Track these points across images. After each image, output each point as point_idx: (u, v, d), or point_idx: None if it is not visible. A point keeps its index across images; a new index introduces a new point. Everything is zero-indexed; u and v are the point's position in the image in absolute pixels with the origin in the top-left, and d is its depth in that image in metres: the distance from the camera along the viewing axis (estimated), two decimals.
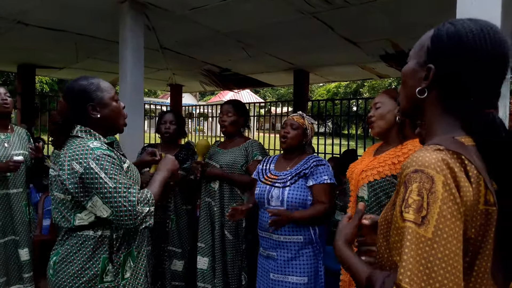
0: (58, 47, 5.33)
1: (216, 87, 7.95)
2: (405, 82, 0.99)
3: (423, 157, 0.81)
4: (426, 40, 0.93)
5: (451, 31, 0.88)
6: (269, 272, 2.27)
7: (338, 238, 1.05)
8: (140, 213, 1.45)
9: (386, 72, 6.11)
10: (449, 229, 0.75)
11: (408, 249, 0.75)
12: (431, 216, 0.76)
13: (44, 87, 19.15)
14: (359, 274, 0.92)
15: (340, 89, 26.37)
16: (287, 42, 4.81)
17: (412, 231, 0.76)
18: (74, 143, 1.52)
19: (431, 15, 3.44)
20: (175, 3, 3.63)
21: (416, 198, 0.78)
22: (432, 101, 0.92)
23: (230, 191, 2.75)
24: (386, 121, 1.94)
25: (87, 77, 1.62)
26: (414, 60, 0.96)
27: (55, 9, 3.86)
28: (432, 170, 0.79)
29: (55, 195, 1.54)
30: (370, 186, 1.88)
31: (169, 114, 3.06)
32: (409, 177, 0.81)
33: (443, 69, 0.88)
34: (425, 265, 0.73)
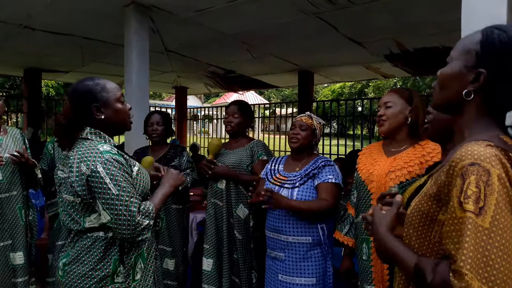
0: (64, 51, 5.37)
1: (220, 89, 7.97)
2: (445, 83, 1.01)
3: (478, 150, 0.85)
4: (474, 45, 0.95)
5: (504, 38, 0.91)
6: (277, 273, 2.27)
7: (379, 226, 1.05)
8: (139, 224, 1.44)
9: (391, 72, 6.09)
10: (504, 220, 0.80)
11: (469, 237, 0.79)
12: (488, 207, 0.80)
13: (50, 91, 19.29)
14: (405, 261, 0.93)
15: (345, 89, 26.31)
16: (291, 43, 4.81)
17: (472, 221, 0.80)
18: (83, 145, 1.51)
19: (435, 13, 3.43)
20: (180, 5, 3.64)
21: (475, 189, 0.82)
22: (476, 103, 0.95)
23: (236, 191, 2.75)
24: (397, 120, 1.94)
25: (93, 78, 1.60)
26: (459, 62, 0.98)
27: (60, 14, 3.90)
28: (488, 164, 0.83)
29: (64, 197, 1.53)
30: (401, 186, 1.86)
31: (155, 115, 3.07)
32: (466, 169, 0.84)
33: (494, 75, 0.91)
34: (483, 253, 0.77)
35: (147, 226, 1.47)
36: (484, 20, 1.72)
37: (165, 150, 3.05)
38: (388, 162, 1.95)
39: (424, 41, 4.39)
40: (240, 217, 2.73)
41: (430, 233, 0.94)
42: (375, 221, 1.08)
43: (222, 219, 2.78)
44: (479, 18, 1.76)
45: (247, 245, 2.73)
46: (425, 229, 0.96)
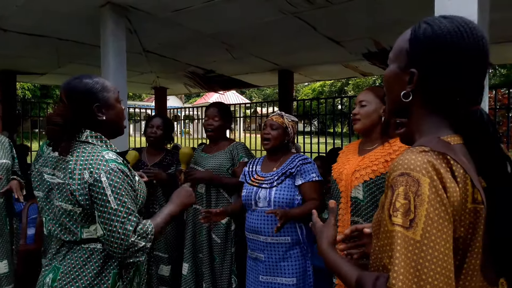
0: (38, 53, 5.25)
1: (200, 89, 7.92)
2: (388, 86, 0.99)
3: (408, 160, 0.82)
4: (404, 43, 0.92)
5: (429, 32, 0.87)
6: (258, 274, 2.27)
7: (321, 242, 1.04)
8: (133, 245, 1.32)
9: (370, 70, 6.17)
10: (437, 231, 0.76)
11: (399, 253, 0.76)
12: (419, 219, 0.76)
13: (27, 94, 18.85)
14: (348, 276, 0.91)
15: (325, 88, 26.54)
16: (270, 42, 4.82)
17: (402, 235, 0.77)
18: (85, 150, 1.39)
19: (411, 12, 3.47)
20: (157, 5, 3.60)
21: (403, 201, 0.79)
22: (418, 103, 0.92)
23: (217, 194, 2.73)
24: (371, 119, 1.95)
25: (90, 76, 1.49)
26: (395, 64, 0.95)
27: (34, 15, 3.80)
28: (417, 173, 0.79)
29: (58, 205, 1.40)
30: (365, 185, 1.87)
31: (157, 119, 3.04)
32: (395, 180, 0.82)
33: (425, 71, 0.88)
34: (415, 268, 0.74)
35: (142, 248, 1.34)
36: None
37: (161, 156, 3.00)
38: (357, 161, 1.97)
39: None
40: (221, 222, 2.70)
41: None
42: (318, 235, 1.06)
43: (201, 223, 2.74)
44: None
45: (227, 249, 2.71)
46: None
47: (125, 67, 3.62)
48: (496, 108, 5.26)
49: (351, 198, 1.93)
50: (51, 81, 8.07)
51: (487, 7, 1.91)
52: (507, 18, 3.64)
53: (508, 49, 4.79)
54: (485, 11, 1.90)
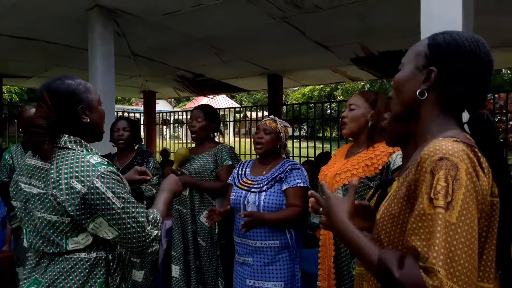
0: (25, 56, 5.19)
1: (190, 93, 7.91)
2: (401, 87, 1.05)
3: (446, 146, 0.86)
4: (422, 48, 1.01)
5: (448, 39, 0.98)
6: (245, 278, 2.25)
7: (337, 211, 1.00)
8: (149, 235, 1.34)
9: (358, 75, 6.21)
10: (471, 215, 0.80)
11: (439, 233, 0.78)
12: (456, 202, 0.80)
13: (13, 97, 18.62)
14: (368, 253, 0.89)
15: (315, 92, 26.68)
16: (259, 47, 4.83)
17: (442, 217, 0.80)
18: (67, 157, 1.33)
19: (397, 18, 3.53)
20: (146, 9, 3.59)
21: (444, 184, 0.82)
22: (431, 102, 0.99)
23: (201, 197, 2.72)
24: (358, 123, 1.96)
25: (72, 77, 1.44)
26: (410, 65, 1.03)
27: (21, 18, 3.76)
28: (456, 158, 0.84)
29: (40, 216, 1.31)
30: (345, 189, 1.88)
31: (121, 121, 3.00)
32: (435, 164, 0.85)
33: (444, 72, 0.96)
34: (449, 249, 0.77)
35: (155, 237, 1.37)
36: (441, 25, 1.80)
37: (131, 156, 2.98)
38: (341, 164, 1.99)
39: (388, 45, 4.51)
40: (204, 224, 2.69)
41: (403, 237, 0.90)
42: (332, 205, 1.02)
43: (187, 226, 2.74)
44: (437, 23, 1.82)
45: (212, 252, 2.70)
46: (397, 233, 0.94)
47: (113, 71, 3.59)
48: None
49: None
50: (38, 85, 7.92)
51: (471, 13, 1.95)
52: (491, 25, 3.70)
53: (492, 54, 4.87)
54: (470, 17, 1.93)
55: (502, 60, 5.35)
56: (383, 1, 3.28)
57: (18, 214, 1.44)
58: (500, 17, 3.56)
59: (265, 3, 3.38)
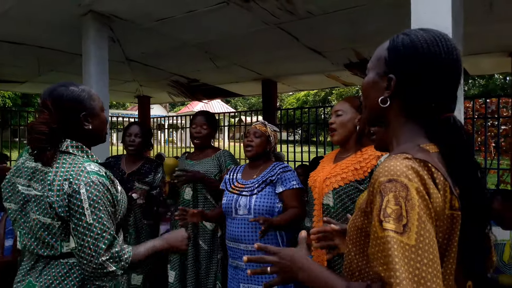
0: (19, 61, 5.18)
1: (184, 98, 7.91)
2: (366, 93, 1.01)
3: (394, 166, 0.84)
4: (383, 52, 0.96)
5: (406, 41, 0.92)
6: (239, 282, 2.26)
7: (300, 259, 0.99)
8: (103, 266, 1.27)
9: (351, 80, 6.25)
10: (429, 234, 0.77)
11: (398, 258, 0.75)
12: (412, 223, 0.77)
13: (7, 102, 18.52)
14: (336, 285, 0.89)
15: (309, 97, 26.79)
16: (253, 52, 4.86)
17: (396, 241, 0.77)
18: (66, 161, 1.35)
19: (389, 24, 3.57)
20: (140, 15, 3.60)
21: (395, 207, 0.79)
22: (395, 110, 0.95)
23: (204, 201, 2.73)
24: (346, 129, 2.00)
25: (76, 83, 1.46)
26: (373, 71, 0.99)
27: (14, 23, 3.76)
28: (404, 179, 0.81)
29: (35, 218, 1.32)
30: (335, 193, 1.91)
31: (134, 127, 3.01)
32: (384, 186, 0.82)
33: (403, 78, 0.92)
34: (414, 272, 0.74)
35: (111, 272, 1.28)
36: None
37: (139, 164, 2.98)
38: (330, 168, 2.01)
39: None
40: (207, 228, 2.71)
41: (367, 248, 0.90)
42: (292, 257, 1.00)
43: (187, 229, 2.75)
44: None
45: (212, 256, 2.71)
46: (361, 243, 0.94)
47: (107, 76, 3.60)
48: (474, 118, 5.39)
49: (323, 205, 1.98)
50: (32, 90, 7.95)
51: (461, 20, 1.98)
52: (481, 31, 3.76)
53: (483, 60, 4.94)
54: (460, 23, 1.96)
55: (495, 66, 5.41)
56: (375, 7, 3.32)
57: (11, 216, 1.44)
58: (490, 23, 3.61)
59: (258, 10, 3.41)
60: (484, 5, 3.20)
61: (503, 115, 5.81)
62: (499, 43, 4.29)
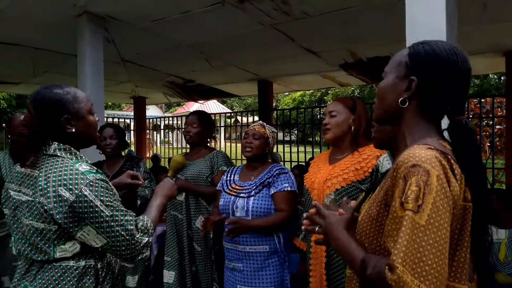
0: (13, 62, 5.16)
1: (180, 98, 7.90)
2: (383, 96, 1.09)
3: (419, 153, 0.91)
4: (403, 58, 1.05)
5: (428, 49, 1.02)
6: (236, 284, 2.26)
7: (337, 223, 1.10)
8: (139, 242, 1.34)
9: (347, 80, 6.27)
10: (440, 219, 0.84)
11: (403, 233, 0.84)
12: (426, 205, 0.85)
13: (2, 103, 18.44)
14: (355, 256, 0.98)
15: (306, 97, 26.81)
16: (249, 53, 4.86)
17: (409, 218, 0.85)
18: (56, 165, 1.32)
19: (384, 25, 3.58)
20: (135, 15, 3.60)
21: (415, 189, 0.87)
22: (412, 110, 1.04)
23: (196, 203, 2.73)
24: (341, 129, 2.00)
25: (62, 86, 1.42)
26: (392, 75, 1.07)
27: (9, 23, 3.74)
28: (428, 165, 0.89)
29: (27, 224, 1.31)
30: (338, 193, 1.91)
31: (108, 129, 2.98)
32: (408, 171, 0.90)
33: (423, 82, 1.00)
34: (417, 249, 0.82)
35: (146, 243, 1.37)
36: (426, 33, 1.84)
37: (121, 163, 2.98)
38: (328, 170, 2.01)
39: (376, 51, 4.56)
40: (199, 229, 2.69)
41: (380, 238, 0.98)
42: (331, 222, 1.12)
43: (182, 231, 2.75)
44: (422, 31, 1.86)
45: (207, 257, 2.71)
46: (375, 234, 1.00)
47: (102, 77, 3.59)
48: (468, 118, 5.42)
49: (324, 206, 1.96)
50: (27, 91, 7.91)
51: (455, 20, 1.99)
52: (475, 31, 3.78)
53: (477, 61, 4.96)
54: (454, 24, 1.97)
55: (489, 66, 5.44)
56: (370, 8, 3.33)
57: (7, 221, 1.43)
58: (484, 24, 3.64)
59: (254, 10, 3.41)
60: (478, 6, 3.22)
61: (498, 115, 5.85)
62: (493, 43, 4.32)
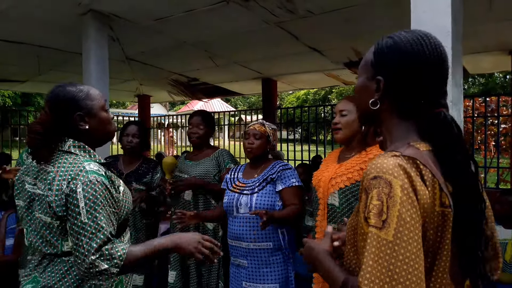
0: (19, 60, 5.19)
1: (184, 97, 7.91)
2: (358, 97, 1.04)
3: (380, 163, 0.86)
4: (370, 56, 0.99)
5: (390, 43, 0.95)
6: (241, 280, 2.27)
7: (319, 248, 1.07)
8: (92, 265, 1.24)
9: (351, 79, 6.26)
10: (408, 232, 0.78)
11: (368, 252, 0.78)
12: (391, 219, 0.79)
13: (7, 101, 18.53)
14: (336, 279, 0.94)
15: (310, 96, 26.78)
16: (253, 51, 4.86)
17: (373, 235, 0.79)
18: (67, 161, 1.35)
19: (388, 23, 3.57)
20: (140, 14, 3.61)
21: (376, 203, 0.81)
22: (387, 111, 0.98)
23: (204, 202, 2.73)
24: (351, 129, 1.99)
25: (75, 84, 1.46)
26: (363, 76, 1.01)
27: (14, 22, 3.76)
28: (389, 176, 0.83)
29: (38, 217, 1.35)
30: (341, 192, 1.90)
31: (132, 126, 2.98)
32: (369, 184, 0.85)
33: (390, 79, 0.94)
34: (387, 267, 0.76)
35: (104, 271, 1.26)
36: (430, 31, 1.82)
37: (137, 164, 2.97)
38: (335, 168, 2.01)
39: None
40: (207, 227, 2.71)
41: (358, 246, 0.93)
42: (312, 248, 1.08)
43: (188, 230, 2.74)
44: (426, 28, 1.84)
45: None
46: (356, 244, 0.96)
47: (108, 75, 3.60)
48: (474, 117, 5.39)
49: (328, 205, 1.97)
50: (32, 89, 7.96)
51: (460, 18, 1.98)
52: (481, 30, 3.76)
53: (483, 59, 4.94)
54: (459, 22, 1.96)
55: (494, 64, 5.41)
56: (375, 6, 3.32)
57: (19, 213, 1.46)
58: (490, 22, 3.62)
59: (258, 8, 3.41)
60: (484, 4, 3.20)
61: (503, 114, 5.82)
62: (499, 42, 4.29)
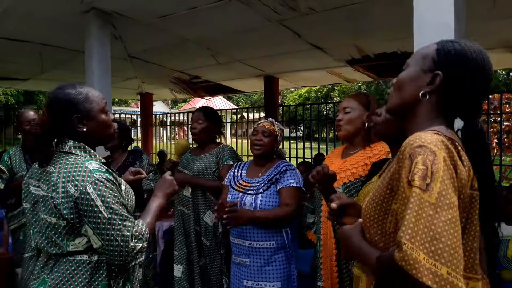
0: (21, 58, 5.19)
1: (186, 94, 7.91)
2: (402, 86, 1.08)
3: (425, 136, 0.91)
4: (430, 52, 1.04)
5: (458, 47, 1.02)
6: (242, 279, 2.27)
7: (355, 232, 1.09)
8: (132, 249, 1.32)
9: (353, 76, 6.24)
10: (450, 197, 0.83)
11: (411, 210, 0.83)
12: (435, 183, 0.84)
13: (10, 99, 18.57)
14: (369, 255, 0.98)
15: (312, 93, 26.74)
16: (255, 49, 4.85)
17: (417, 195, 0.83)
18: (68, 162, 1.36)
19: (391, 21, 3.56)
20: (142, 11, 3.61)
21: (421, 167, 0.86)
22: (429, 105, 1.02)
23: (204, 197, 2.74)
24: (354, 126, 1.99)
25: (75, 85, 1.45)
26: (416, 67, 1.05)
27: (16, 20, 3.77)
28: (434, 147, 0.88)
29: (42, 218, 1.36)
30: (345, 187, 1.91)
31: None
32: (413, 151, 0.89)
33: (449, 77, 0.99)
34: (429, 227, 0.80)
35: (140, 249, 1.35)
36: (433, 29, 1.83)
37: (124, 157, 3.01)
38: (339, 164, 2.01)
39: (383, 47, 4.54)
40: (208, 224, 2.72)
41: (385, 224, 0.98)
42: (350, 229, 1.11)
43: (189, 226, 2.77)
44: (429, 27, 1.85)
45: (216, 251, 2.73)
46: (380, 220, 1.00)
47: (110, 73, 3.60)
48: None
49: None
50: (35, 87, 7.97)
51: (463, 16, 1.97)
52: (484, 27, 3.74)
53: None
54: (462, 20, 1.95)
55: (497, 62, 5.39)
56: (377, 4, 3.31)
57: (27, 215, 1.48)
58: (493, 20, 3.60)
59: (260, 6, 3.40)
60: (487, 1, 3.19)
61: (506, 111, 5.80)
62: (501, 39, 4.27)
